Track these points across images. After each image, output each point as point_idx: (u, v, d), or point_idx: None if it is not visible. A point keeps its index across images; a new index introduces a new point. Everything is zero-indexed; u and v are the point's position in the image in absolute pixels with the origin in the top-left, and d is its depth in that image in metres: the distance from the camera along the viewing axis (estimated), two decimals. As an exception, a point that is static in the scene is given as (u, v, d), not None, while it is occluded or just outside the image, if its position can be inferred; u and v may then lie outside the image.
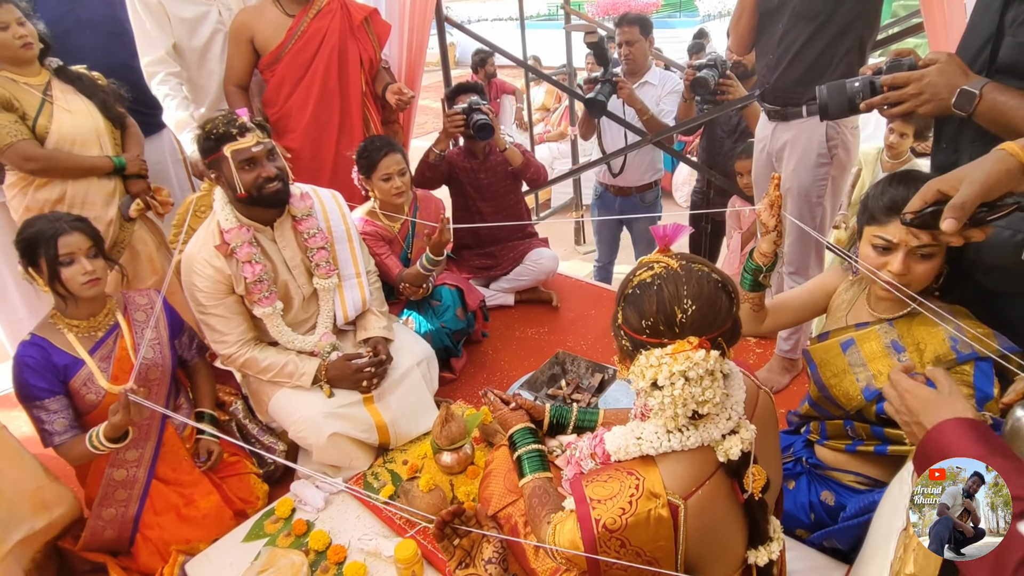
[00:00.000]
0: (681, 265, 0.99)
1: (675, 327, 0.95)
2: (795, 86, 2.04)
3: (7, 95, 2.06)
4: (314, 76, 2.44)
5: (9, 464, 1.64)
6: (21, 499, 1.65)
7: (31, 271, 1.70)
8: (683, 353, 0.93)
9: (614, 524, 0.97)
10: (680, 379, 0.93)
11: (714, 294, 0.96)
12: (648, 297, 0.98)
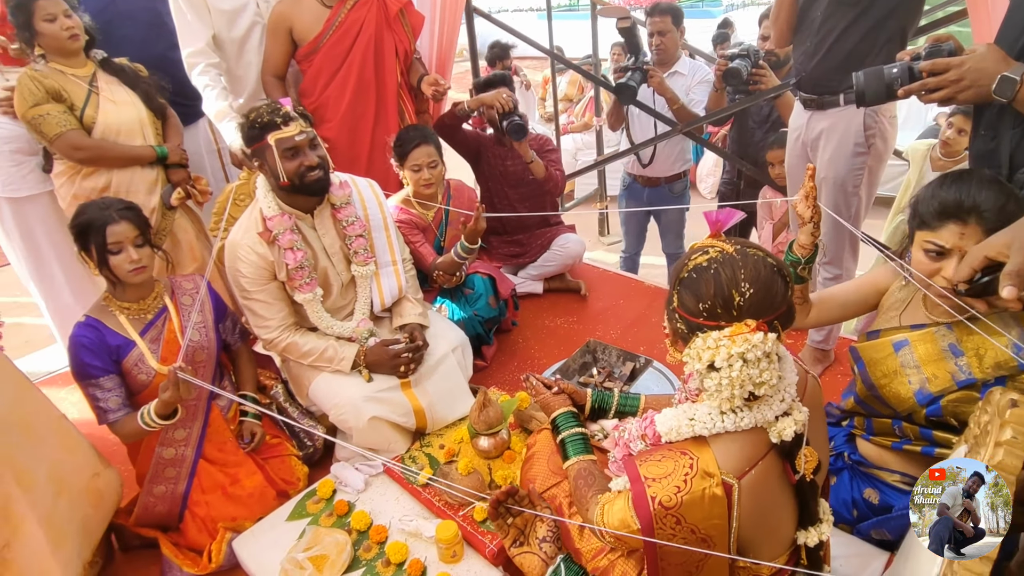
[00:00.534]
0: (736, 249, 1.01)
1: (733, 310, 0.97)
2: (833, 74, 2.02)
3: (56, 86, 2.12)
4: (351, 67, 2.47)
5: (68, 453, 1.69)
6: (79, 488, 1.70)
7: (83, 255, 1.76)
8: (741, 335, 0.95)
9: (669, 502, 0.99)
10: (738, 361, 0.95)
11: (771, 278, 0.98)
12: (705, 281, 0.99)
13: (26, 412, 1.60)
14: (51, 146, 2.16)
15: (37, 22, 2.08)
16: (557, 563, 0.99)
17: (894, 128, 2.10)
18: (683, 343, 1.05)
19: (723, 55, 2.80)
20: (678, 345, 1.09)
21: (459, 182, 2.71)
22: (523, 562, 0.99)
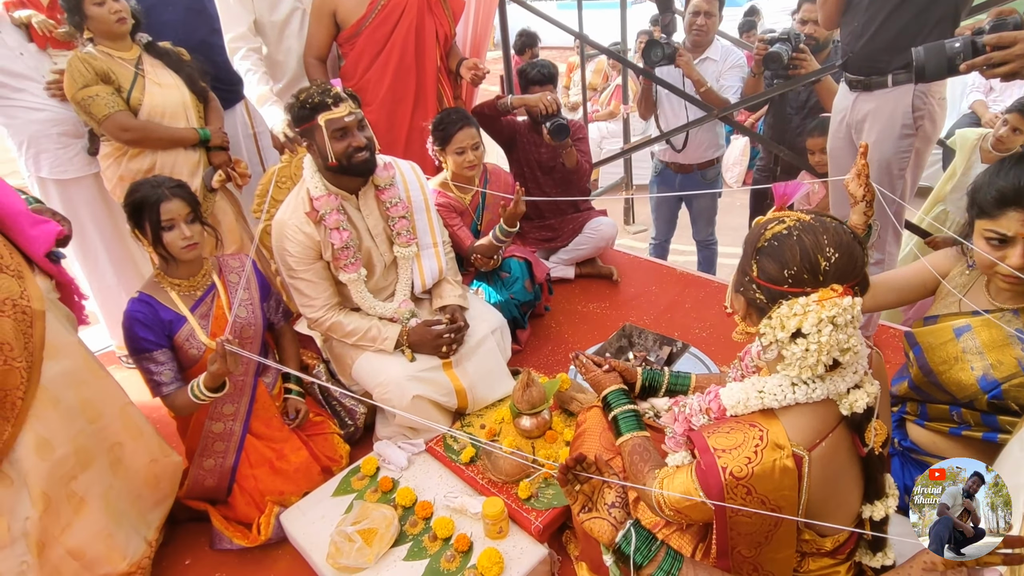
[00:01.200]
0: (813, 217, 1.01)
1: (819, 275, 0.97)
2: (881, 54, 1.99)
3: (105, 68, 2.16)
4: (392, 50, 2.48)
5: (130, 438, 1.72)
6: (135, 470, 1.74)
7: (137, 233, 1.79)
8: (830, 300, 0.94)
9: (740, 472, 0.99)
10: (828, 326, 0.95)
11: (852, 244, 0.98)
12: (789, 247, 0.99)
13: (93, 396, 1.63)
14: (99, 127, 2.19)
15: (87, 6, 2.12)
16: (627, 527, 0.99)
17: (943, 110, 2.07)
18: (758, 315, 1.04)
19: (763, 39, 2.76)
20: (751, 319, 1.08)
21: (496, 166, 2.71)
22: (592, 527, 1.01)
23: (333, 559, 1.64)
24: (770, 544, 1.04)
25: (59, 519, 1.53)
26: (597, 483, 1.05)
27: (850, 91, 2.17)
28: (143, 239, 1.78)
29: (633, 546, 0.97)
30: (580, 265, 3.15)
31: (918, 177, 2.16)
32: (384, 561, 1.65)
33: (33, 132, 2.35)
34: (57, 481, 1.52)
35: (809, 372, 0.99)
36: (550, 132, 2.65)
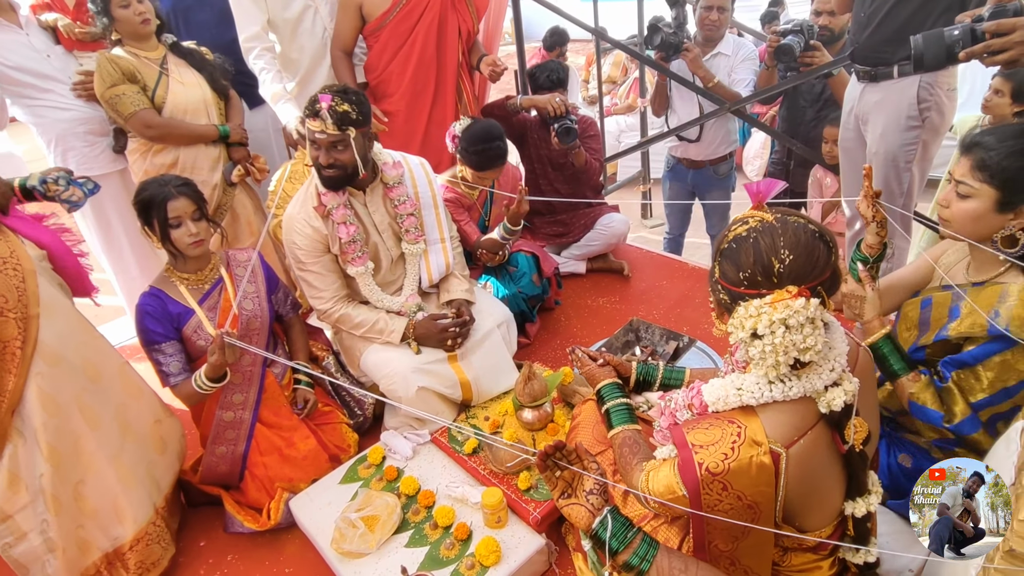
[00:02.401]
0: (776, 218, 1.02)
1: (773, 277, 0.97)
2: (886, 45, 1.96)
3: (131, 68, 2.26)
4: (414, 44, 2.53)
5: (131, 398, 1.81)
6: (145, 432, 1.82)
7: (146, 230, 1.86)
8: (782, 302, 0.95)
9: (717, 468, 1.01)
10: (780, 327, 0.96)
11: (811, 244, 0.98)
12: (745, 250, 1.00)
13: (92, 355, 1.71)
14: (126, 124, 2.31)
15: (114, 8, 2.22)
16: (604, 514, 1.02)
17: (952, 101, 2.03)
18: (728, 314, 1.06)
19: (775, 31, 2.73)
20: (723, 317, 1.10)
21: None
22: (571, 513, 1.04)
23: (337, 544, 1.69)
24: (747, 539, 1.06)
25: (70, 477, 1.61)
26: (574, 471, 1.09)
27: (858, 82, 2.14)
28: (152, 236, 1.85)
29: (609, 532, 1.00)
30: (591, 260, 3.16)
31: (926, 170, 2.12)
32: (386, 547, 1.71)
33: (60, 131, 2.45)
34: (66, 438, 1.60)
35: (773, 371, 1.00)
36: (558, 135, 2.67)
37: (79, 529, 1.64)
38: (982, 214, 1.31)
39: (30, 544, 1.56)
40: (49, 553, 1.59)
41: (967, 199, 1.31)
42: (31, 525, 1.55)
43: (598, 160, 3.00)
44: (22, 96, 2.38)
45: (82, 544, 1.65)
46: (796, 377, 1.03)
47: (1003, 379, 1.30)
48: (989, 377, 1.31)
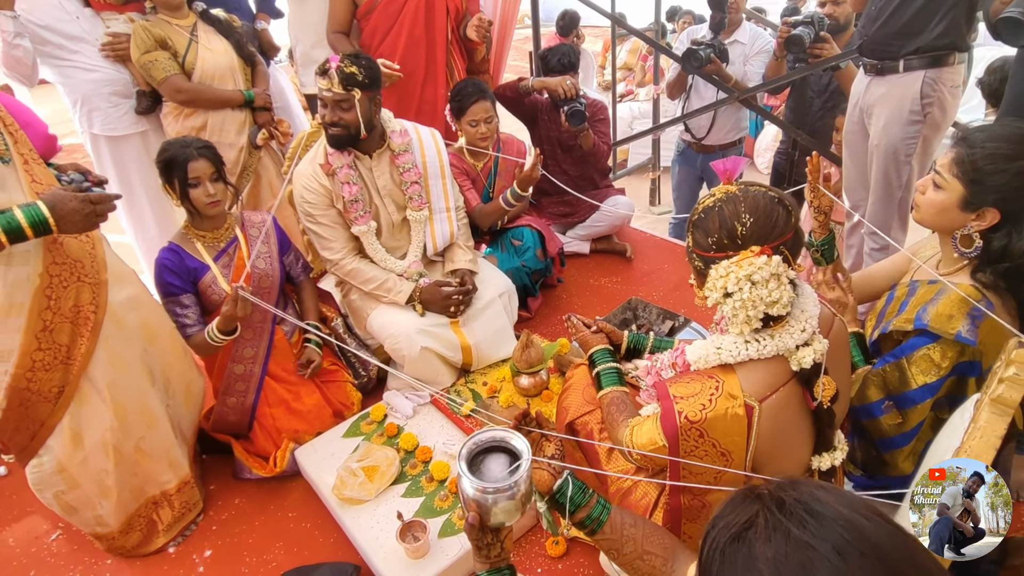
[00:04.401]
0: (740, 188, 1.11)
1: (737, 239, 1.07)
2: (894, 39, 2.00)
3: (163, 35, 2.38)
4: (402, 25, 2.61)
5: (177, 358, 1.89)
6: (182, 388, 1.92)
7: (167, 188, 1.95)
8: (747, 260, 1.05)
9: (695, 416, 1.09)
10: (747, 283, 1.05)
11: (770, 207, 1.07)
12: (711, 218, 1.10)
13: (150, 318, 1.80)
14: (159, 88, 2.43)
15: None
16: (564, 476, 1.10)
17: (955, 99, 2.06)
18: (703, 280, 1.14)
19: (787, 22, 2.76)
20: (700, 284, 1.18)
21: (509, 135, 2.80)
22: (533, 476, 1.11)
23: (338, 491, 1.79)
24: (719, 483, 1.14)
25: (134, 432, 1.71)
26: (536, 436, 1.16)
27: (864, 75, 2.18)
28: (172, 194, 1.94)
29: (569, 495, 1.08)
30: (596, 241, 3.22)
31: (926, 165, 2.16)
32: (384, 496, 1.80)
33: (86, 91, 2.54)
34: (132, 395, 1.69)
35: (746, 327, 1.08)
36: (567, 117, 2.73)
37: (133, 477, 1.74)
38: (947, 208, 1.34)
39: (83, 491, 1.66)
40: (103, 498, 1.68)
41: (939, 190, 1.35)
42: (87, 477, 1.64)
43: (606, 144, 3.06)
44: (51, 56, 2.46)
45: (135, 490, 1.76)
46: (770, 336, 1.10)
47: (925, 373, 1.35)
48: (913, 371, 1.37)
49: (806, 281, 1.25)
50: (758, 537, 0.57)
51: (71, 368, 1.56)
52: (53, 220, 1.38)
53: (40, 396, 1.53)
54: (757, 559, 0.55)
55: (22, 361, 1.47)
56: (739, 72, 3.06)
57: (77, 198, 1.41)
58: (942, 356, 1.33)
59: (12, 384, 1.48)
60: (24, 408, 1.51)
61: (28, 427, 1.55)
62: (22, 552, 1.88)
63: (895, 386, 1.40)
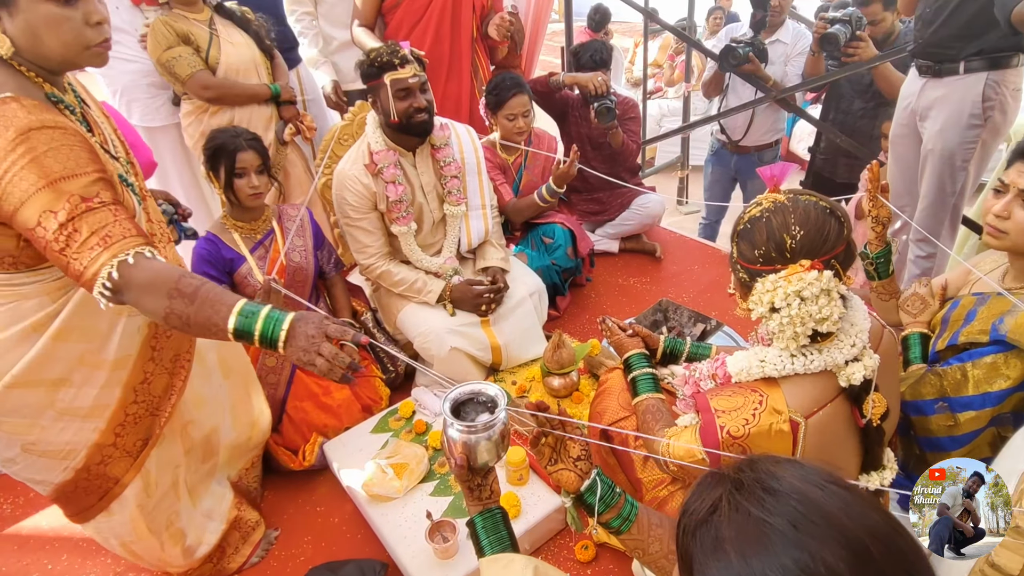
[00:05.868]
0: (788, 197, 1.07)
1: (786, 252, 1.03)
2: (953, 40, 1.93)
3: (185, 30, 2.32)
4: (429, 20, 2.58)
5: (245, 384, 1.80)
6: (245, 414, 1.80)
7: (211, 176, 1.96)
8: (796, 275, 1.01)
9: (738, 432, 1.06)
10: (795, 299, 1.01)
11: (822, 219, 1.03)
12: (759, 229, 1.06)
13: (225, 353, 1.71)
14: (184, 86, 2.35)
15: None
16: (593, 477, 1.07)
17: (1016, 102, 1.99)
18: (747, 292, 1.11)
19: (823, 17, 2.68)
20: (744, 296, 1.14)
21: (540, 129, 2.78)
22: (560, 477, 1.09)
23: (367, 487, 1.79)
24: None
25: (195, 465, 1.61)
26: (560, 436, 1.14)
27: (919, 76, 2.11)
28: (215, 182, 1.95)
29: (598, 495, 1.05)
30: (625, 240, 3.19)
31: (982, 171, 2.09)
32: (412, 494, 1.80)
33: (126, 82, 2.56)
34: (207, 430, 1.61)
35: (793, 344, 1.04)
36: (596, 113, 2.69)
37: (191, 520, 1.62)
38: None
39: (152, 540, 1.52)
40: (173, 544, 1.55)
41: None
42: (157, 522, 1.52)
43: (635, 142, 3.01)
44: (93, 46, 2.49)
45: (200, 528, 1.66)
46: (818, 351, 1.07)
47: (988, 381, 1.31)
48: (975, 376, 1.32)
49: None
50: (722, 520, 0.60)
51: (159, 419, 1.43)
52: (283, 344, 1.10)
53: (122, 451, 1.39)
54: (723, 540, 0.58)
55: (115, 416, 1.34)
56: (779, 73, 2.99)
57: (321, 334, 1.12)
58: (1010, 367, 1.30)
59: (98, 441, 1.34)
60: (103, 466, 1.37)
61: (100, 486, 1.39)
62: (54, 535, 1.92)
63: (953, 388, 1.36)
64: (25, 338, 1.21)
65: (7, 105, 1.03)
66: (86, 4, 1.11)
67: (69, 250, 1.03)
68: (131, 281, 1.05)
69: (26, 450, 1.29)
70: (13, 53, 1.09)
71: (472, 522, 1.10)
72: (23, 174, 1.01)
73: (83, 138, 1.11)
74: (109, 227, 1.06)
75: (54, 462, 1.33)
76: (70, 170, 1.05)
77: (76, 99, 1.26)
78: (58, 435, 1.30)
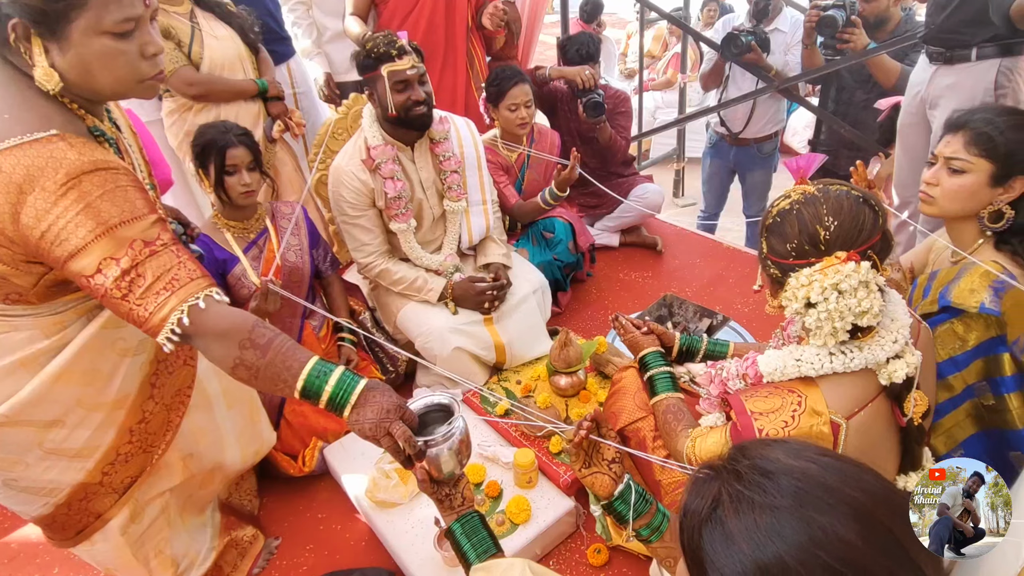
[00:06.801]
0: (818, 188, 1.03)
1: (820, 245, 0.98)
2: (966, 26, 1.90)
3: (165, 24, 2.17)
4: (422, 10, 2.51)
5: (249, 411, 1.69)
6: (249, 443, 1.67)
7: (200, 173, 1.87)
8: (832, 267, 0.96)
9: (777, 435, 1.01)
10: (833, 293, 0.96)
11: (856, 209, 0.99)
12: (789, 222, 1.02)
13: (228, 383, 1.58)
14: (166, 83, 2.22)
15: None
16: (626, 481, 1.05)
17: None
18: (780, 288, 1.06)
19: (817, 4, 2.63)
20: (775, 293, 1.10)
21: (543, 126, 2.71)
22: (594, 482, 1.05)
23: (371, 493, 1.73)
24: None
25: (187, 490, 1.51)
26: (594, 440, 1.10)
27: (929, 64, 2.07)
28: (205, 180, 1.86)
29: (632, 502, 1.02)
30: (625, 233, 3.13)
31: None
32: (417, 500, 1.73)
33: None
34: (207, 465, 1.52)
35: (832, 340, 1.00)
36: (585, 109, 2.63)
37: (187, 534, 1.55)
38: (976, 189, 1.34)
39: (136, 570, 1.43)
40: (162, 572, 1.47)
41: (960, 174, 1.35)
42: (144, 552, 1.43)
43: (624, 138, 2.93)
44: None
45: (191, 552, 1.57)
46: (858, 348, 1.02)
47: (947, 348, 1.35)
48: (936, 346, 1.35)
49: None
50: (727, 514, 0.59)
51: (152, 456, 1.35)
52: (351, 409, 1.03)
53: (108, 488, 1.30)
54: (733, 534, 0.58)
55: (106, 456, 1.26)
56: (779, 62, 2.94)
57: (378, 421, 1.01)
58: (966, 330, 1.33)
59: (84, 480, 1.25)
60: (85, 502, 1.29)
61: (80, 521, 1.31)
62: (44, 549, 1.83)
63: None
64: (11, 373, 1.13)
65: (54, 144, 0.96)
66: (142, 35, 1.03)
67: (132, 296, 0.99)
68: (202, 327, 1.02)
69: (6, 484, 1.23)
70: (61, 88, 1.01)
71: (451, 531, 1.07)
72: (79, 219, 0.95)
73: (134, 178, 1.04)
74: (175, 271, 1.02)
75: (35, 497, 1.25)
76: (128, 214, 0.99)
77: (112, 125, 1.18)
78: (42, 474, 1.22)
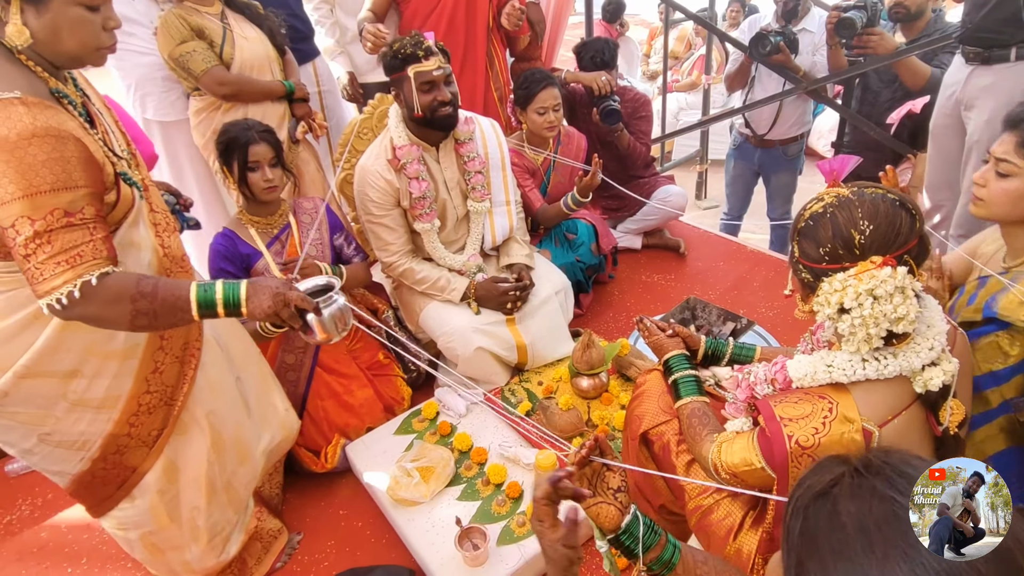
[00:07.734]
0: (853, 191, 1.00)
1: (855, 249, 0.96)
2: (1005, 25, 1.86)
3: (199, 24, 2.22)
4: (443, 10, 2.51)
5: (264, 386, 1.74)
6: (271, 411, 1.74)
7: (224, 170, 1.90)
8: (867, 272, 0.94)
9: (807, 442, 0.99)
10: (868, 298, 0.94)
11: (892, 212, 0.96)
12: (823, 225, 0.99)
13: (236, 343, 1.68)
14: (198, 82, 2.26)
15: None
16: (633, 511, 0.97)
17: None
18: (811, 293, 1.04)
19: (837, 6, 2.58)
20: (807, 298, 1.07)
21: (569, 128, 2.70)
22: (599, 512, 0.96)
23: (393, 491, 1.74)
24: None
25: (228, 466, 1.55)
26: (598, 467, 1.03)
27: (965, 64, 2.02)
28: (229, 176, 1.89)
29: (640, 534, 0.94)
30: (647, 235, 3.11)
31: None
32: (439, 498, 1.74)
33: (140, 75, 2.49)
34: (231, 425, 1.55)
35: (865, 346, 0.97)
36: (601, 116, 2.61)
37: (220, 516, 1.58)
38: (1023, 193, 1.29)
39: (172, 532, 1.50)
40: (192, 541, 1.52)
41: (1007, 178, 1.30)
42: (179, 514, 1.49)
43: (644, 144, 2.91)
44: (108, 38, 2.42)
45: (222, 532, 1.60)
46: (892, 355, 1.00)
47: (990, 361, 1.30)
48: (977, 359, 1.31)
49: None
50: (843, 494, 0.57)
51: (173, 408, 1.42)
52: (245, 301, 1.22)
53: (138, 441, 1.38)
54: (840, 513, 0.55)
55: (128, 406, 1.34)
56: (807, 63, 2.90)
57: (274, 295, 1.22)
58: (1011, 344, 1.28)
59: (113, 432, 1.34)
60: (119, 455, 1.37)
61: (118, 475, 1.39)
62: (74, 539, 1.87)
63: None
64: (26, 326, 1.21)
65: (14, 107, 1.05)
66: (107, 9, 1.18)
67: (34, 258, 1.07)
68: (93, 296, 1.11)
69: (42, 440, 1.31)
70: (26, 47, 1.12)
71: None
72: (12, 176, 1.03)
73: (82, 147, 1.12)
74: (83, 247, 1.10)
75: (70, 452, 1.34)
76: (61, 183, 1.07)
77: (77, 91, 1.27)
78: (72, 426, 1.31)
